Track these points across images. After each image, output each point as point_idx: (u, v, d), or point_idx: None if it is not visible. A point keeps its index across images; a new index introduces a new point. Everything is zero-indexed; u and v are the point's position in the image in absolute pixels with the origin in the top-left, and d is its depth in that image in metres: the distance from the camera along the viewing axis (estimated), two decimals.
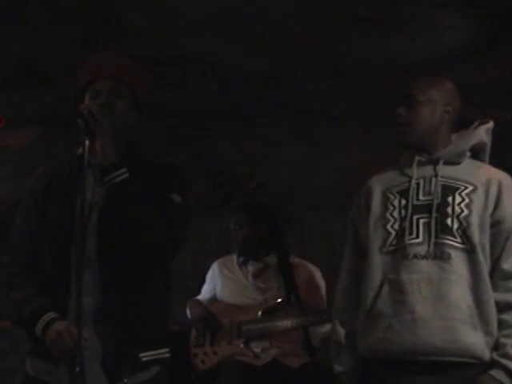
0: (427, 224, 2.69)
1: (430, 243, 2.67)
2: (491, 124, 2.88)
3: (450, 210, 2.69)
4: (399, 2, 4.39)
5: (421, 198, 2.75)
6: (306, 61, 5.04)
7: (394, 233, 2.74)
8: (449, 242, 2.66)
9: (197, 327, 4.04)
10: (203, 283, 4.24)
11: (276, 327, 3.86)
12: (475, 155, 2.85)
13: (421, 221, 2.71)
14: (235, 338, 3.91)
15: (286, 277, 3.99)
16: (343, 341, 2.83)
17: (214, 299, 4.15)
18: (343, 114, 5.67)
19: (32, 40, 4.68)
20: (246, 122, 5.75)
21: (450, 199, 2.71)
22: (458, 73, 3.93)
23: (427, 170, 2.80)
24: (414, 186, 2.77)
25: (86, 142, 2.50)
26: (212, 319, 4.00)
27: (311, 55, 4.98)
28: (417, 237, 2.69)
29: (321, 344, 3.92)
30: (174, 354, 2.67)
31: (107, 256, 2.52)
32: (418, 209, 2.73)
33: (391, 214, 2.76)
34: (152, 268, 2.58)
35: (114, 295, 2.52)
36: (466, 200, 2.69)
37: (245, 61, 5.00)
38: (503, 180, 2.75)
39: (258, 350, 3.85)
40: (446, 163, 2.79)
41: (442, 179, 2.75)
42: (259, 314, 3.92)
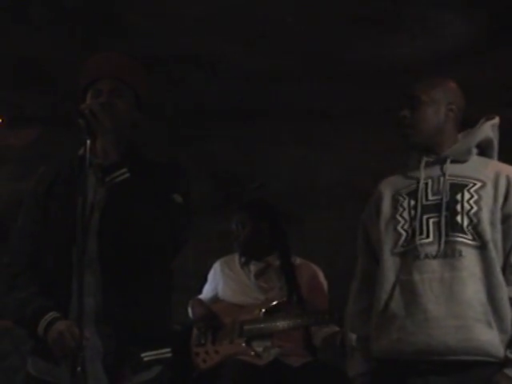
0: (437, 223, 2.68)
1: (440, 242, 2.66)
2: (497, 120, 2.87)
3: (459, 207, 2.68)
4: (399, 2, 4.39)
5: (430, 197, 2.74)
6: (306, 61, 5.04)
7: (404, 234, 2.73)
8: (460, 239, 2.65)
9: (198, 326, 4.04)
10: (205, 283, 4.23)
11: (278, 327, 3.85)
12: (483, 152, 2.84)
13: (431, 220, 2.70)
14: (237, 337, 3.91)
15: (288, 277, 3.99)
16: (355, 344, 2.82)
17: (215, 299, 4.14)
18: (343, 114, 5.67)
19: (33, 40, 4.68)
20: (247, 122, 5.75)
21: (459, 196, 2.69)
22: (458, 73, 3.93)
23: (435, 170, 2.79)
24: (423, 186, 2.76)
25: (88, 142, 2.49)
26: (214, 318, 4.00)
27: (311, 55, 4.98)
28: (427, 236, 2.68)
29: (322, 344, 3.91)
30: (176, 354, 2.67)
31: (108, 256, 2.52)
32: (428, 208, 2.72)
33: (401, 215, 2.76)
34: (153, 268, 2.58)
35: (116, 295, 2.51)
36: (475, 196, 2.68)
37: (245, 61, 5.00)
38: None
39: (259, 350, 3.84)
40: (453, 162, 2.78)
41: (450, 178, 2.74)
42: (261, 313, 3.92)
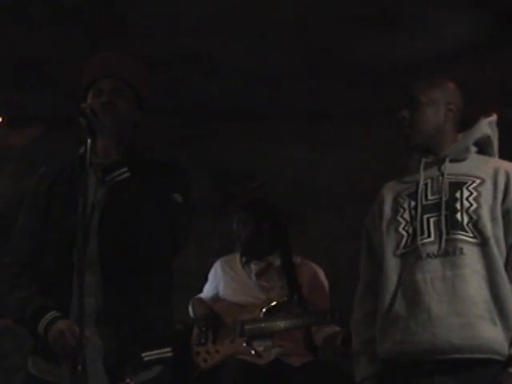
0: (437, 222, 2.68)
1: (441, 241, 2.66)
2: (494, 117, 2.87)
3: (458, 205, 2.68)
4: (399, 1, 4.39)
5: (429, 197, 2.74)
6: (306, 61, 5.04)
7: (406, 235, 2.73)
8: (460, 237, 2.65)
9: (199, 326, 4.04)
10: (206, 282, 4.24)
11: (278, 326, 3.85)
12: (482, 150, 2.85)
13: (431, 220, 2.70)
14: (238, 336, 3.91)
15: (289, 276, 3.99)
16: (360, 348, 2.82)
17: (216, 298, 4.14)
18: (343, 114, 5.68)
19: (34, 39, 4.68)
20: (247, 122, 5.76)
21: (458, 194, 2.70)
22: (458, 73, 3.94)
23: (434, 170, 2.79)
24: (423, 187, 2.77)
25: (88, 141, 2.49)
26: (215, 318, 4.00)
27: (311, 55, 4.98)
28: (428, 236, 2.68)
29: (323, 343, 3.92)
30: (176, 353, 2.67)
31: (109, 256, 2.52)
32: (428, 208, 2.72)
33: (402, 217, 2.76)
34: (154, 267, 2.58)
35: (116, 295, 2.52)
36: (474, 193, 2.68)
37: (245, 61, 5.00)
38: (511, 170, 2.73)
39: (260, 349, 3.84)
40: (452, 161, 2.78)
41: (449, 176, 2.74)
42: (262, 313, 3.92)
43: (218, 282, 4.16)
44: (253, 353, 3.83)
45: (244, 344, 3.88)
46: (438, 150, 2.82)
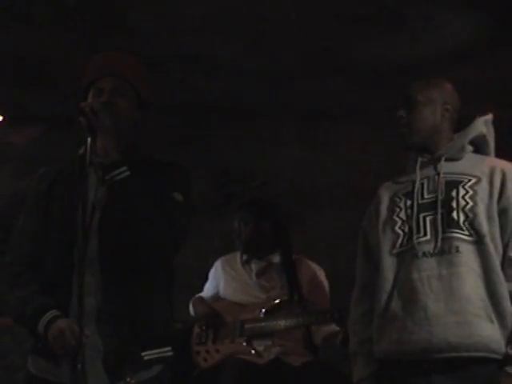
0: (433, 220, 2.68)
1: (437, 239, 2.66)
2: (490, 116, 2.88)
3: (454, 203, 2.68)
4: (400, 1, 4.40)
5: (425, 196, 2.75)
6: (306, 61, 5.05)
7: (402, 234, 2.73)
8: (456, 235, 2.64)
9: (199, 325, 4.04)
10: (206, 281, 4.24)
11: (278, 326, 3.84)
12: (478, 149, 2.85)
13: (427, 218, 2.70)
14: (238, 336, 3.90)
15: (289, 275, 3.98)
16: (356, 349, 2.82)
17: (216, 297, 4.14)
18: (343, 114, 5.68)
19: (35, 39, 4.68)
20: (247, 122, 5.76)
21: (454, 193, 2.70)
22: (458, 73, 3.95)
23: (430, 170, 2.80)
24: (419, 186, 2.77)
25: (88, 140, 2.49)
26: (216, 317, 4.00)
27: (311, 54, 4.98)
28: (424, 234, 2.68)
29: (323, 343, 3.91)
30: (177, 352, 2.67)
31: (109, 255, 2.52)
32: (424, 207, 2.72)
33: (398, 216, 2.76)
34: (154, 267, 2.58)
35: (116, 294, 2.51)
36: (470, 192, 2.68)
37: (245, 60, 5.01)
38: (506, 168, 2.73)
39: (260, 349, 3.83)
40: (448, 160, 2.79)
41: (446, 175, 2.75)
42: (262, 312, 3.92)
43: (218, 281, 4.16)
44: (253, 352, 3.83)
45: (244, 343, 3.87)
46: (434, 150, 2.83)
